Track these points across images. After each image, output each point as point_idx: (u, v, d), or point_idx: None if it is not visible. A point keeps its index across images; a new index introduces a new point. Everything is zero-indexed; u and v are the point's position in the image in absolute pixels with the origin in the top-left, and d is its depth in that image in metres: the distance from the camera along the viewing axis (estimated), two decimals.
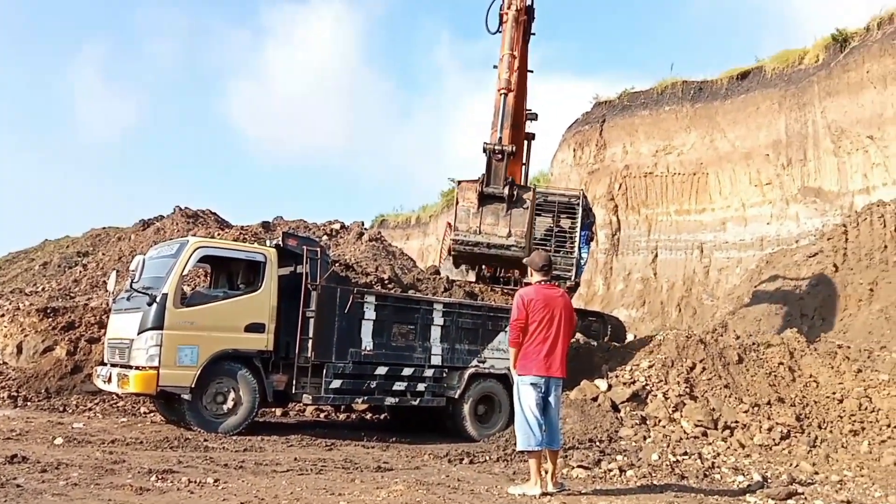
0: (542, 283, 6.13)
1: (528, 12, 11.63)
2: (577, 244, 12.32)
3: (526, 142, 13.03)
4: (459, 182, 10.25)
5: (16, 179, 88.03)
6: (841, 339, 11.66)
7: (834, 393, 9.08)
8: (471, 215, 10.06)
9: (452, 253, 10.59)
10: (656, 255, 22.49)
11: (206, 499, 5.01)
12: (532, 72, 12.37)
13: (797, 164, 19.09)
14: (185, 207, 18.86)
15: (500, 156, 10.07)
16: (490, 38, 11.31)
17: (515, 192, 10.11)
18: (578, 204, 12.60)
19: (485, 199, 10.07)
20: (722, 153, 21.10)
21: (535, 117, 12.78)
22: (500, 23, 11.14)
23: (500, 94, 10.48)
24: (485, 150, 10.17)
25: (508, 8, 11.03)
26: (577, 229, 12.41)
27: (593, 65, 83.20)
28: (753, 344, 10.14)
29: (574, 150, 25.13)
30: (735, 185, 20.84)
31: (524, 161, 13.14)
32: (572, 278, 12.15)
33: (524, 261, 7.58)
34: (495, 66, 10.93)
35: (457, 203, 10.29)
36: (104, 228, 25.19)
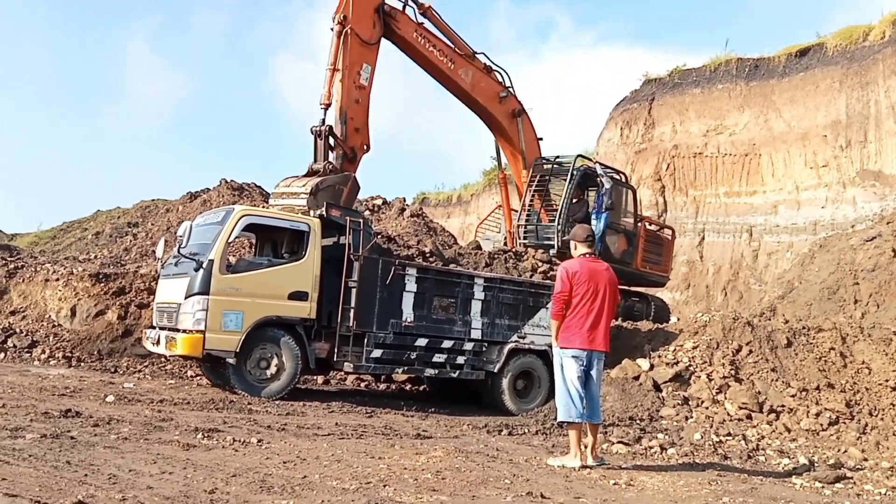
0: (586, 255, 6.07)
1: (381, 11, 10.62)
2: (560, 208, 11.95)
3: (518, 119, 12.66)
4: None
5: (70, 152, 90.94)
6: None
7: (887, 380, 8.76)
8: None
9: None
10: (703, 238, 21.95)
11: (251, 457, 5.13)
12: (481, 53, 12.15)
13: (857, 146, 18.31)
14: (231, 180, 19.10)
15: (320, 136, 10.08)
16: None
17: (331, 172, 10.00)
18: (570, 168, 12.24)
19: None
20: (776, 133, 20.37)
21: (506, 95, 12.42)
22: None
23: (321, 107, 10.02)
24: (312, 132, 10.15)
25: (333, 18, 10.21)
26: (565, 194, 12.06)
27: (644, 40, 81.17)
28: (803, 328, 9.84)
29: (621, 129, 24.58)
30: (789, 167, 20.12)
31: (518, 137, 12.75)
32: (555, 246, 11.80)
33: (567, 237, 7.39)
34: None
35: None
36: (153, 200, 25.78)
